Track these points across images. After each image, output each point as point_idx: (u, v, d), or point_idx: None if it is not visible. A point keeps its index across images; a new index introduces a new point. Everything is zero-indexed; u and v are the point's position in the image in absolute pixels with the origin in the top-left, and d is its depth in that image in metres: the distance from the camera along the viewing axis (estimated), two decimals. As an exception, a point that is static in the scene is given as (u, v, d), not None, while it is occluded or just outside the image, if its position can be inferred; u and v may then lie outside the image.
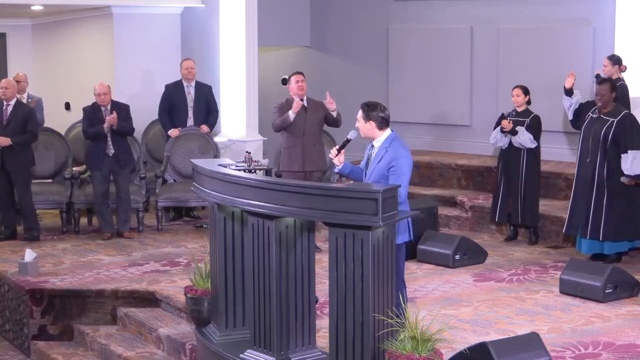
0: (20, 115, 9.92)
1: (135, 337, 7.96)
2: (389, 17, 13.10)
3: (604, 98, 8.74)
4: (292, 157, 9.34)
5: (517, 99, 9.75)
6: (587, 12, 11.33)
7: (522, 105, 9.76)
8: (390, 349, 5.61)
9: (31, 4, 11.92)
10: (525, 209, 9.73)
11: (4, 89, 9.98)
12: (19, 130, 9.90)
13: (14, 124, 9.89)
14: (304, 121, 9.31)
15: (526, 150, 9.67)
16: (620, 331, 7.04)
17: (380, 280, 5.67)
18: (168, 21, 12.40)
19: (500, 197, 9.88)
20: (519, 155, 9.71)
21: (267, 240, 6.10)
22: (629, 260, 8.97)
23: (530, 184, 9.72)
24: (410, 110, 12.83)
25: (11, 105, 9.97)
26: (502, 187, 9.86)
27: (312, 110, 9.41)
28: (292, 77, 9.41)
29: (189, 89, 11.12)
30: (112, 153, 9.99)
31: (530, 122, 9.63)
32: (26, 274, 8.70)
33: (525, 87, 9.80)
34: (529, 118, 9.67)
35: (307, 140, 9.32)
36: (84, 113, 10.14)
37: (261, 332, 6.21)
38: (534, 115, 9.68)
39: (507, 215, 9.90)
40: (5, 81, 10.13)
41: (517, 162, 9.72)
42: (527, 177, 9.70)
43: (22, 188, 9.95)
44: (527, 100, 9.77)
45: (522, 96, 9.74)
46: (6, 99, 9.95)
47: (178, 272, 8.78)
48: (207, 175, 6.72)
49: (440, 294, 8.11)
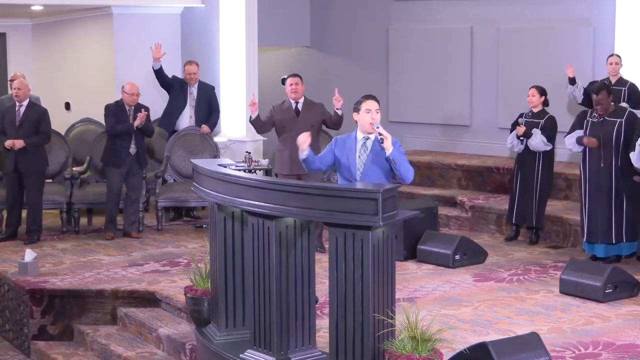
0: (33, 117, 9.93)
1: (135, 337, 7.96)
2: (389, 17, 13.10)
3: (605, 105, 8.72)
4: (282, 159, 9.32)
5: (532, 99, 9.69)
6: (587, 12, 11.33)
7: (537, 105, 9.69)
8: (390, 349, 5.61)
9: (31, 4, 11.93)
10: (539, 210, 9.71)
11: (17, 89, 9.98)
12: (32, 131, 9.90)
13: (27, 124, 9.90)
14: (294, 124, 9.27)
15: (541, 153, 9.64)
16: (620, 331, 7.04)
17: (380, 280, 5.67)
18: (168, 21, 12.41)
19: (517, 199, 9.82)
20: (535, 157, 9.67)
21: (267, 240, 6.10)
22: (629, 260, 8.96)
23: (545, 185, 9.70)
24: (410, 110, 12.83)
25: (24, 105, 9.97)
26: (518, 189, 9.81)
27: (306, 113, 9.34)
28: (288, 80, 9.41)
29: (191, 88, 11.13)
30: (134, 152, 10.00)
31: (545, 123, 9.58)
32: (26, 274, 8.70)
33: (542, 88, 9.73)
34: (544, 119, 9.63)
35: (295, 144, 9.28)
36: (109, 111, 10.09)
37: (261, 332, 6.21)
38: (549, 116, 9.63)
39: (524, 217, 9.84)
40: (18, 82, 10.12)
41: (533, 164, 9.66)
42: (542, 179, 9.67)
43: (35, 190, 9.95)
44: (542, 101, 9.73)
45: (538, 96, 9.68)
46: (19, 100, 9.95)
47: (178, 272, 8.78)
48: (207, 175, 6.72)
49: (440, 294, 8.11)
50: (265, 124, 9.35)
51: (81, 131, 11.64)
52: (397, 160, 6.46)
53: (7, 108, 10.15)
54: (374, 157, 6.56)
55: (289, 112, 9.36)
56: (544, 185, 9.71)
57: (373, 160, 6.55)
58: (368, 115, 6.54)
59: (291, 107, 9.37)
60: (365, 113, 6.55)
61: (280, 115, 9.35)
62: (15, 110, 9.95)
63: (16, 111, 9.94)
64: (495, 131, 11.88)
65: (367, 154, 6.57)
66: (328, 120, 9.39)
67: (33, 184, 9.94)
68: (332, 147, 6.72)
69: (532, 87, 9.78)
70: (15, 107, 9.96)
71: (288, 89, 9.36)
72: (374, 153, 6.55)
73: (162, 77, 11.01)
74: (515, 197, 9.84)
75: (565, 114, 10.62)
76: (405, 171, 6.51)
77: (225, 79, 12.00)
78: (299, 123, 9.24)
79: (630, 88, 9.99)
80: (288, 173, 9.24)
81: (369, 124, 6.53)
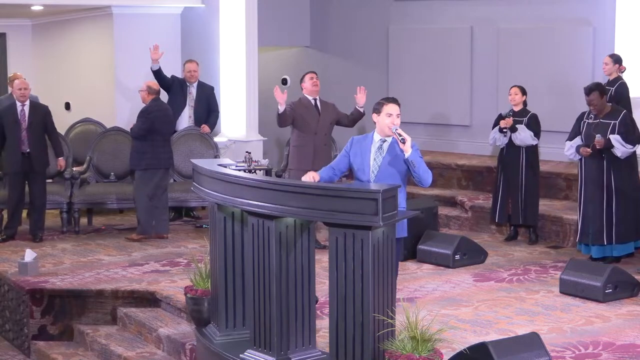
0: (40, 116, 9.99)
1: (135, 337, 7.96)
2: (389, 17, 13.10)
3: (598, 106, 8.79)
4: (303, 155, 9.31)
5: (514, 98, 9.77)
6: (587, 12, 11.32)
7: (519, 104, 9.78)
8: (390, 349, 5.61)
9: (31, 4, 11.92)
10: (526, 208, 9.74)
11: (23, 89, 9.99)
12: (40, 130, 9.96)
13: (35, 124, 9.92)
14: (317, 121, 9.32)
15: (525, 149, 9.67)
16: (620, 331, 7.04)
17: (380, 280, 5.67)
18: (168, 21, 12.41)
19: (500, 197, 9.88)
20: (518, 155, 9.72)
21: (267, 240, 6.10)
22: (629, 260, 8.97)
23: (531, 183, 9.73)
24: (410, 110, 12.78)
25: (27, 105, 9.97)
26: (502, 188, 9.86)
27: (325, 110, 9.42)
28: (306, 76, 9.42)
29: (190, 88, 11.14)
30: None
31: (529, 121, 9.65)
32: (26, 274, 8.70)
33: (523, 87, 9.84)
34: (527, 117, 9.68)
35: (318, 140, 9.32)
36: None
37: (261, 332, 6.21)
38: (532, 114, 9.69)
39: (507, 216, 9.89)
40: (21, 82, 10.12)
41: (517, 162, 9.73)
42: (527, 176, 9.71)
43: (41, 189, 10.01)
44: (523, 100, 9.78)
45: (520, 95, 9.77)
46: (24, 100, 9.96)
47: (178, 272, 8.78)
48: (207, 175, 6.72)
49: (440, 294, 8.11)
50: (289, 117, 9.31)
51: (81, 131, 11.64)
52: (416, 163, 6.41)
53: (5, 108, 10.13)
54: (391, 159, 6.48)
55: (309, 108, 9.37)
56: (530, 184, 9.72)
57: (390, 162, 6.47)
58: (389, 119, 6.46)
59: (311, 104, 9.40)
60: (386, 116, 6.48)
61: (302, 110, 9.33)
62: (18, 110, 9.93)
63: (19, 111, 9.93)
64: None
65: (383, 157, 6.50)
66: (344, 119, 9.48)
67: (39, 184, 9.97)
68: (348, 150, 6.64)
69: (514, 86, 9.86)
70: (17, 107, 9.94)
71: (309, 84, 9.36)
72: (392, 155, 6.48)
73: (161, 78, 11.01)
74: (498, 196, 9.87)
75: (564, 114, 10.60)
76: (423, 173, 6.44)
77: (225, 79, 12.00)
78: (321, 118, 9.33)
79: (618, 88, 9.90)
80: (309, 168, 9.26)
81: (388, 128, 6.46)
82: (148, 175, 9.99)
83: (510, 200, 9.82)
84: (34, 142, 9.93)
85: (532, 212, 9.78)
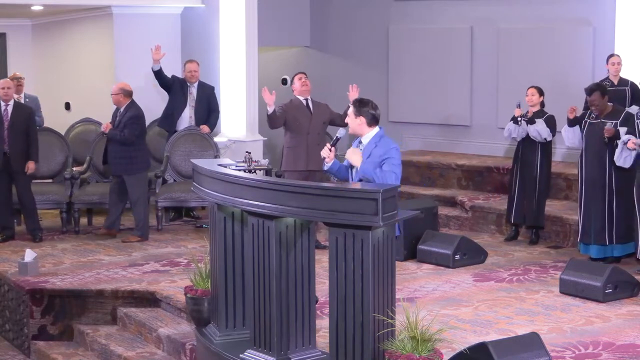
0: (22, 117, 9.92)
1: (135, 337, 7.96)
2: (389, 17, 13.10)
3: (599, 106, 8.80)
4: (296, 156, 9.33)
5: (531, 99, 9.71)
6: (587, 12, 11.33)
7: (536, 105, 9.71)
8: (390, 349, 5.61)
9: (31, 4, 11.93)
10: (538, 209, 9.71)
11: (7, 89, 9.96)
12: (22, 130, 9.89)
13: (17, 125, 9.89)
14: (309, 120, 9.34)
15: (540, 147, 9.62)
16: (620, 331, 7.05)
17: (380, 280, 5.67)
18: (168, 21, 12.41)
19: (516, 198, 9.81)
20: (534, 155, 9.66)
21: (267, 240, 6.10)
22: (629, 260, 8.97)
23: (545, 185, 9.71)
24: (410, 110, 12.83)
25: (10, 105, 9.96)
26: (518, 188, 9.80)
27: (317, 110, 9.44)
28: (295, 77, 9.45)
29: (191, 88, 11.14)
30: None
31: (546, 121, 9.60)
32: (26, 274, 8.70)
33: (540, 88, 9.76)
34: (544, 118, 9.63)
35: (311, 140, 9.33)
36: None
37: (261, 332, 6.21)
38: (549, 115, 9.64)
39: (523, 216, 9.83)
40: (5, 81, 10.10)
41: (533, 162, 9.66)
42: (541, 177, 9.68)
43: (26, 188, 9.96)
44: (541, 101, 9.74)
45: (537, 96, 9.71)
46: (7, 99, 9.94)
47: (178, 272, 8.78)
48: (207, 175, 6.72)
49: (440, 294, 8.11)
50: (280, 118, 9.32)
51: (81, 131, 11.65)
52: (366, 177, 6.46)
53: None
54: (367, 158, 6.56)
55: (301, 108, 9.39)
56: (544, 184, 9.72)
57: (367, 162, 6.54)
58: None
59: (302, 104, 9.42)
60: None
61: (293, 111, 9.36)
62: (1, 109, 9.89)
63: (2, 111, 9.90)
64: (495, 131, 11.87)
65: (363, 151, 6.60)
66: (337, 119, 9.48)
67: (22, 184, 9.94)
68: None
69: (531, 87, 9.79)
70: (0, 106, 9.90)
71: (298, 84, 9.38)
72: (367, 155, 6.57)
73: (161, 78, 11.01)
74: (514, 196, 9.83)
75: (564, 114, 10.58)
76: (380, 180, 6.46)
77: (225, 79, 12.00)
78: (313, 119, 9.34)
79: (632, 87, 10.02)
80: (304, 169, 9.28)
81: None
82: (142, 177, 10.11)
83: (525, 201, 9.76)
84: (14, 142, 9.85)
85: (540, 213, 9.76)
